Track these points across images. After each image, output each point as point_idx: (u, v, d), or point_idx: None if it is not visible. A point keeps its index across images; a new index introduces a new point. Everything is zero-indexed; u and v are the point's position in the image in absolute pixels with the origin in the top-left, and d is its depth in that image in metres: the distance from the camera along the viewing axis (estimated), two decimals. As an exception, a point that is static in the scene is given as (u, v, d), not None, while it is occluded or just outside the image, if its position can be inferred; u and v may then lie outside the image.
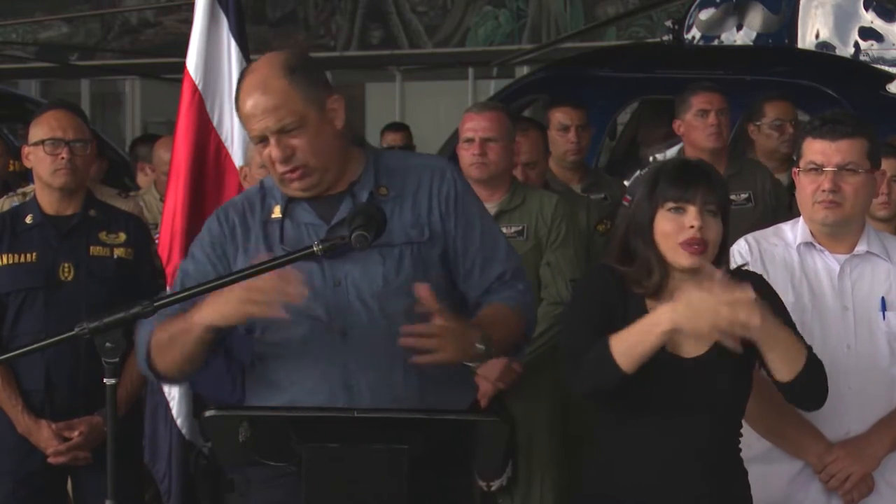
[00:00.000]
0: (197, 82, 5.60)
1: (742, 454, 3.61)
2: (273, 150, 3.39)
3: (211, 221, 3.58)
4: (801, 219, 4.01)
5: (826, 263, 3.95)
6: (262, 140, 3.41)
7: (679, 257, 3.43)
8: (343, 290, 3.42)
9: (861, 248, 3.96)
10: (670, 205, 3.43)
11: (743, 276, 3.57)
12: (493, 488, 5.29)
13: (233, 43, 5.63)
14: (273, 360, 3.49)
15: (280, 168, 3.41)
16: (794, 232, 3.99)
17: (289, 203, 3.49)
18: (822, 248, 3.96)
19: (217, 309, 3.28)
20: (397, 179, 3.52)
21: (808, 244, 3.96)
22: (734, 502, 3.57)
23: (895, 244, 4.06)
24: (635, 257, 3.48)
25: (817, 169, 3.89)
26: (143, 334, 3.44)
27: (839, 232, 3.95)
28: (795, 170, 3.98)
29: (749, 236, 4.01)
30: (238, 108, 3.46)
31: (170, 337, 3.38)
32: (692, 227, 3.40)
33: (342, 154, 3.49)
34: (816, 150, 3.90)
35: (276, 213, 3.51)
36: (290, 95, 3.39)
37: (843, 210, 3.90)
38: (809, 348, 3.46)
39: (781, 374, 3.41)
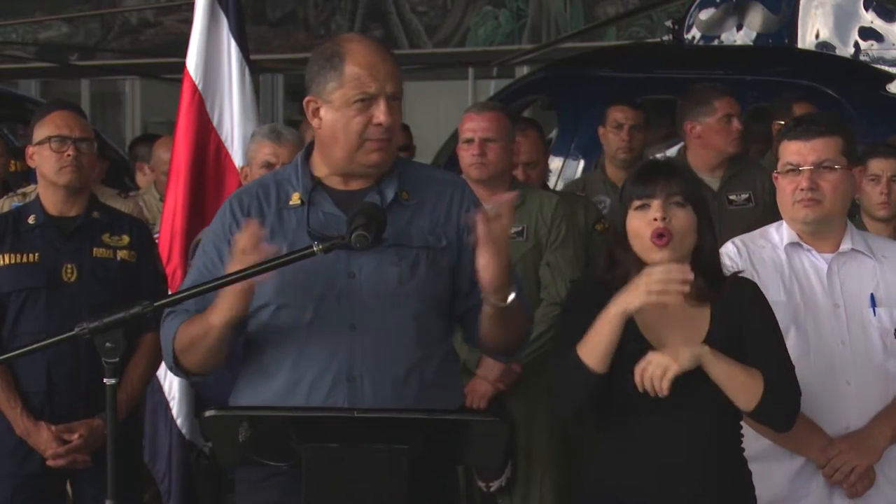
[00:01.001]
0: (197, 82, 5.60)
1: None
2: (383, 113, 3.44)
3: (223, 213, 3.60)
4: (784, 221, 4.05)
5: (814, 262, 4.01)
6: (365, 100, 3.45)
7: (649, 253, 3.47)
8: (357, 282, 3.45)
9: (846, 245, 4.02)
10: (636, 203, 3.49)
11: (738, 283, 3.59)
12: (492, 489, 5.29)
13: (233, 43, 5.64)
14: (277, 345, 3.51)
15: (377, 133, 3.46)
16: (779, 233, 4.06)
17: (312, 191, 3.52)
18: (808, 247, 4.01)
19: (227, 306, 3.34)
20: (419, 188, 3.57)
21: (794, 244, 4.02)
22: (735, 500, 3.57)
23: (878, 242, 4.14)
24: (618, 263, 3.52)
25: (794, 169, 3.97)
26: (166, 339, 3.51)
27: (821, 230, 4.00)
28: (775, 174, 4.04)
29: (737, 239, 4.07)
30: (340, 68, 3.46)
31: (191, 340, 3.44)
32: (655, 219, 3.45)
33: None
34: (792, 150, 3.98)
35: (295, 199, 3.53)
36: (399, 70, 3.51)
37: (823, 207, 3.95)
38: (772, 382, 3.47)
39: (741, 405, 3.48)
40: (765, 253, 4.02)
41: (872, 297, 3.98)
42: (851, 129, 4.09)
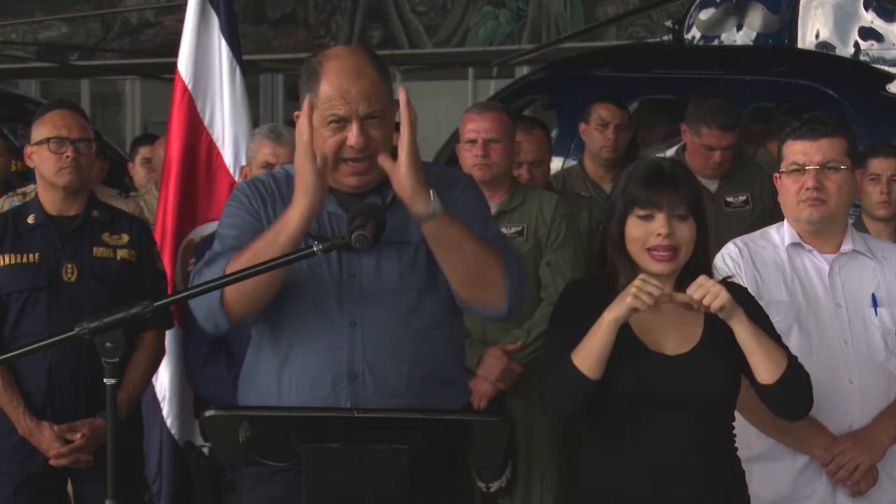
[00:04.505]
0: (186, 82, 5.59)
1: (743, 453, 3.62)
2: (354, 135, 3.42)
3: (241, 190, 3.59)
4: (785, 221, 4.08)
5: (815, 263, 4.03)
6: (338, 122, 3.43)
7: (647, 263, 3.46)
8: (357, 282, 3.47)
9: (847, 246, 4.04)
10: (639, 212, 3.46)
11: (729, 287, 3.58)
12: (492, 489, 5.28)
13: (223, 43, 5.62)
14: (279, 345, 3.52)
15: (351, 154, 3.44)
16: (780, 234, 4.07)
17: None
18: (810, 247, 4.02)
19: (306, 190, 3.36)
20: None
21: (796, 245, 4.03)
22: (729, 500, 3.57)
23: (878, 243, 4.16)
24: (610, 263, 3.51)
25: (800, 169, 3.98)
26: (212, 272, 3.40)
27: (825, 230, 4.02)
28: (777, 174, 4.04)
29: (738, 240, 4.08)
30: (315, 88, 3.45)
31: (254, 252, 3.36)
32: (660, 234, 3.43)
33: None
34: (798, 150, 3.99)
35: None
36: (379, 86, 3.46)
37: (828, 207, 3.97)
38: (794, 358, 3.49)
39: (762, 376, 3.45)
40: (766, 253, 4.03)
41: (874, 297, 4.01)
42: (854, 132, 4.10)
